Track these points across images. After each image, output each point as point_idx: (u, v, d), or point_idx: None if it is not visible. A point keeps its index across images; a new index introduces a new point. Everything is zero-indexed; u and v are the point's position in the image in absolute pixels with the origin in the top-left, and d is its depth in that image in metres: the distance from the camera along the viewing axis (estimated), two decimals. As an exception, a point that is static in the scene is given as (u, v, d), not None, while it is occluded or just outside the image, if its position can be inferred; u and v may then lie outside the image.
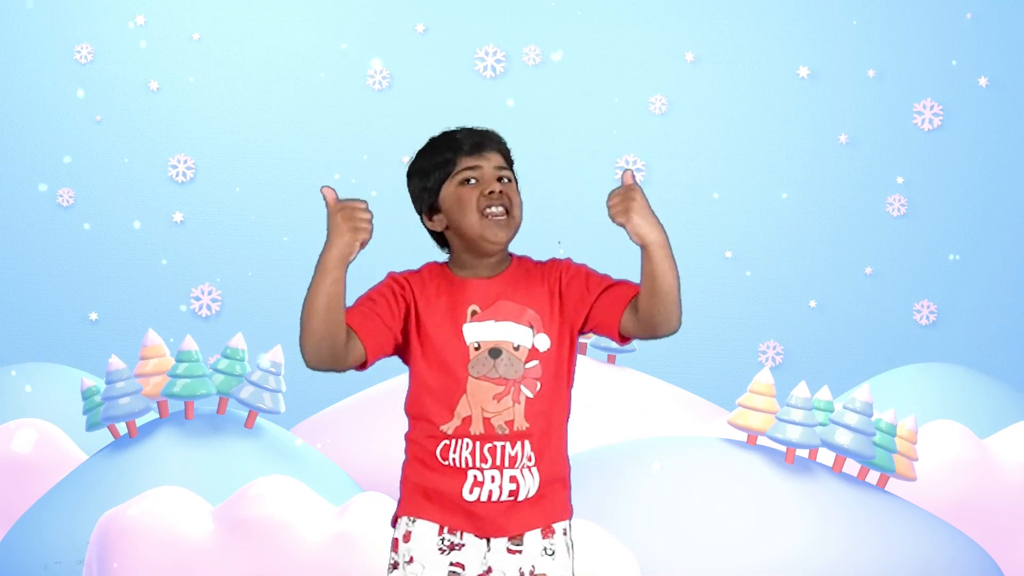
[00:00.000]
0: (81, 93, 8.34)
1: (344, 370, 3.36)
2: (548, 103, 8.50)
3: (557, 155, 8.46)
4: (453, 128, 3.46)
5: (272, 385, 5.80)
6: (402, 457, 3.48)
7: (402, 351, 3.40)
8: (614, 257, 8.88)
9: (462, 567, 3.39)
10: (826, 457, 5.49)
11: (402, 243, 3.57)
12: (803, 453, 5.43)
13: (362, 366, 3.37)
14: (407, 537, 3.41)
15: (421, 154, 3.44)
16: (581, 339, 3.55)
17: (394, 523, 3.45)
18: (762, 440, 5.45)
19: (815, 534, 5.18)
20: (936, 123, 8.55)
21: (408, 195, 3.45)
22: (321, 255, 3.24)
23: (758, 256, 8.51)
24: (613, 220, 3.27)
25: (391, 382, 6.83)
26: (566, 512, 3.46)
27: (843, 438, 5.38)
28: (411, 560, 3.41)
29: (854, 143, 8.55)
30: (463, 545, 3.39)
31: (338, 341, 3.28)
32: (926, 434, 5.86)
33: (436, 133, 3.46)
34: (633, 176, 3.32)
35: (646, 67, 8.53)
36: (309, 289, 3.26)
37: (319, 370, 3.33)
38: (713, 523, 5.19)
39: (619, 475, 5.38)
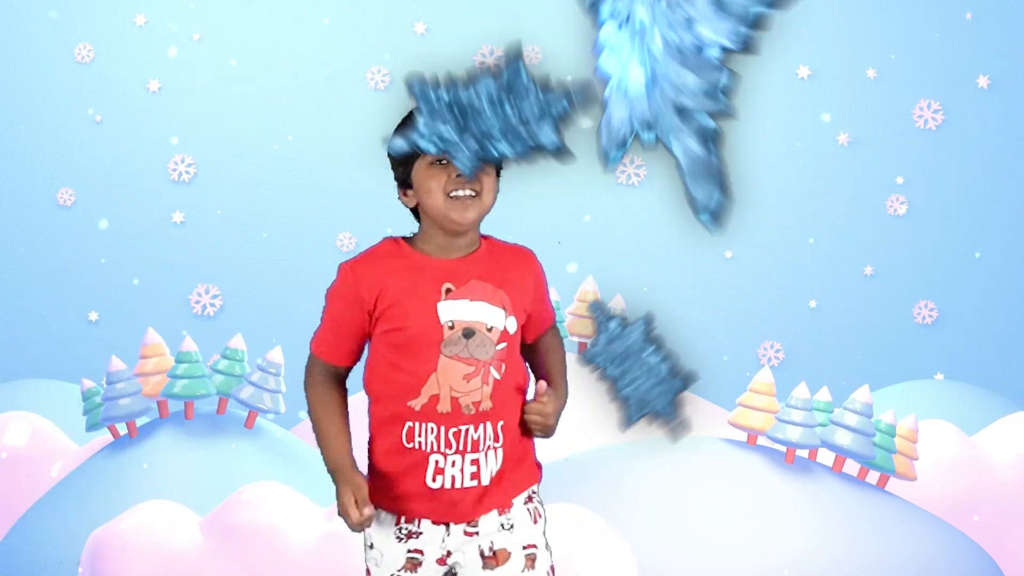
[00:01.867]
0: (80, 87, 8.34)
1: None
2: (548, 103, 8.47)
3: (557, 155, 8.43)
4: None
5: (272, 386, 5.83)
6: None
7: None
8: (614, 255, 8.89)
9: (421, 553, 3.38)
10: (826, 457, 5.49)
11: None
12: (803, 453, 5.43)
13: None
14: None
15: (398, 128, 3.40)
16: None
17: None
18: (762, 440, 5.45)
19: (815, 534, 5.18)
20: (936, 123, 8.54)
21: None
22: (329, 466, 3.46)
23: (758, 256, 8.51)
24: (544, 437, 3.47)
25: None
26: (529, 480, 3.46)
27: (843, 439, 5.39)
28: (371, 546, 3.43)
29: (854, 143, 8.54)
30: (420, 533, 3.38)
31: None
32: (920, 434, 5.87)
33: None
34: (544, 386, 3.49)
35: (646, 67, 8.51)
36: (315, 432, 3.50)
37: None
38: (713, 523, 5.19)
39: (619, 475, 5.38)
